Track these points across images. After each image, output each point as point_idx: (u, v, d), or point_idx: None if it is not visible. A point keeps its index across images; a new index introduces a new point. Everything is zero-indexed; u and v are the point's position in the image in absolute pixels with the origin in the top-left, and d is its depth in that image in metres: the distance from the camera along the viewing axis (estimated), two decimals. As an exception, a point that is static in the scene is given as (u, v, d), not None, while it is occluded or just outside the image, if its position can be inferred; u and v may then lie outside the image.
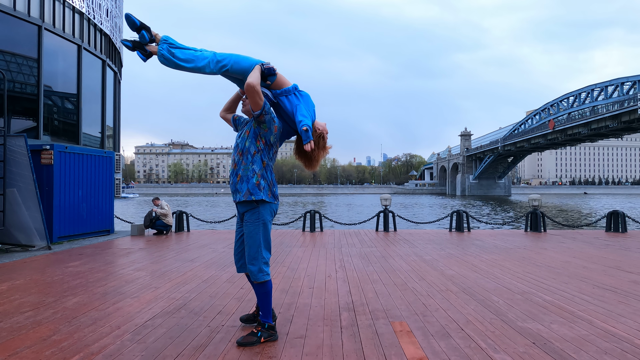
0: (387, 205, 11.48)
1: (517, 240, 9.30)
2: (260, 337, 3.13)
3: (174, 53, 3.05)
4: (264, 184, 3.10)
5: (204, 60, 3.07)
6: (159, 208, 10.75)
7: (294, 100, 3.25)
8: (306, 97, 3.32)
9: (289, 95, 3.27)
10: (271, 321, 3.21)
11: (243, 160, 3.12)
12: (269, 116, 3.09)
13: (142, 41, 3.10)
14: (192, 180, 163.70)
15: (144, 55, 3.14)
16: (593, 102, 66.89)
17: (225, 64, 3.09)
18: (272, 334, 3.19)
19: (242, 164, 3.12)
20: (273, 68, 3.13)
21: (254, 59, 3.16)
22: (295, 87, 3.30)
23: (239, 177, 3.12)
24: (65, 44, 10.67)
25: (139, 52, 3.12)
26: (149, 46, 3.13)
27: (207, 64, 3.07)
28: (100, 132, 12.37)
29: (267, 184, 3.12)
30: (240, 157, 3.14)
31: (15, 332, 3.39)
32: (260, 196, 3.08)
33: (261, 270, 3.10)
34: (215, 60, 3.08)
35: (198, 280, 5.33)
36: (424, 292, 4.74)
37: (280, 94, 3.26)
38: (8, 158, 8.03)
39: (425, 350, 3.01)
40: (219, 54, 3.13)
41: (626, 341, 3.17)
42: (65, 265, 6.46)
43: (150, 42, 3.13)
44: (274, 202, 3.21)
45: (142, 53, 3.13)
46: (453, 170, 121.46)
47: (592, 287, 4.94)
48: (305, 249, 8.06)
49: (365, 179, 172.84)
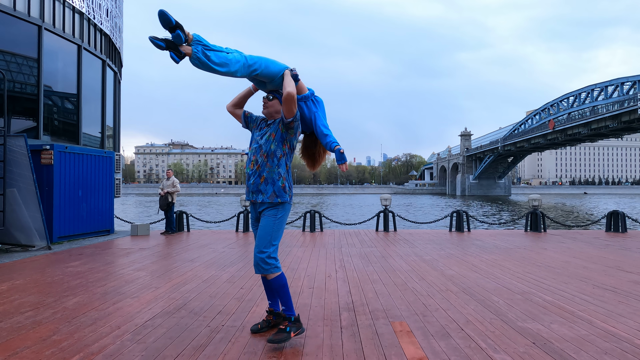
0: (387, 205, 11.48)
1: (517, 240, 9.30)
2: (290, 331, 3.15)
3: (209, 56, 2.87)
4: (288, 187, 3.22)
5: (237, 64, 2.98)
6: (170, 182, 10.81)
7: (311, 107, 3.37)
8: (321, 103, 3.45)
9: (307, 101, 3.37)
10: (295, 313, 3.22)
11: (268, 163, 3.17)
12: (297, 123, 3.22)
13: (178, 42, 2.80)
14: (192, 180, 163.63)
15: (178, 57, 2.84)
16: (593, 102, 66.88)
17: (256, 68, 3.08)
18: (299, 326, 3.21)
19: (266, 166, 3.17)
20: (298, 75, 3.20)
21: (281, 64, 3.20)
22: (312, 92, 3.42)
23: (263, 179, 3.16)
24: (65, 44, 10.66)
25: (172, 53, 2.83)
26: (183, 47, 2.83)
27: (239, 68, 3.00)
28: (100, 132, 12.36)
29: (290, 187, 3.25)
30: (265, 160, 3.17)
31: (15, 332, 3.39)
32: (286, 198, 3.20)
33: (269, 258, 3.10)
34: (247, 65, 3.04)
35: (198, 280, 5.33)
36: (424, 292, 4.74)
37: (300, 99, 3.34)
38: (8, 158, 8.04)
39: (425, 350, 3.01)
40: (249, 57, 3.08)
41: (626, 341, 3.17)
42: (65, 265, 6.46)
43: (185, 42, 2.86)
44: (292, 204, 3.39)
45: (177, 54, 2.83)
46: (453, 170, 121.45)
47: (592, 287, 4.94)
48: (305, 249, 8.06)
49: (365, 179, 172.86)
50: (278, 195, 3.16)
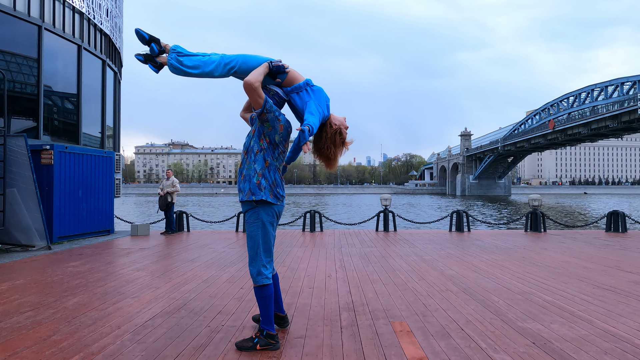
0: (387, 205, 11.48)
1: (517, 240, 9.30)
2: (257, 344, 3.02)
3: (181, 61, 3.05)
4: (265, 184, 3.01)
5: (211, 65, 3.04)
6: (169, 182, 10.81)
7: (304, 97, 3.13)
8: (318, 91, 3.18)
9: (300, 91, 3.15)
10: (272, 329, 3.07)
11: (247, 159, 3.08)
12: (271, 114, 3.00)
13: (152, 53, 3.15)
14: (192, 180, 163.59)
15: (155, 67, 3.18)
16: (593, 102, 66.88)
17: (233, 65, 3.06)
18: (272, 343, 3.04)
19: (246, 163, 3.09)
20: (283, 65, 3.05)
21: (262, 57, 3.10)
22: (307, 82, 3.18)
23: (243, 176, 3.09)
24: (65, 44, 10.66)
25: (150, 64, 3.17)
26: (159, 57, 3.16)
27: (215, 67, 3.05)
28: (100, 132, 12.36)
29: (269, 184, 3.03)
30: (245, 156, 3.12)
31: (15, 332, 3.39)
32: (261, 196, 3.00)
33: (260, 273, 3.03)
34: (222, 63, 3.05)
35: (198, 280, 5.33)
36: (424, 292, 4.74)
37: (291, 91, 3.17)
38: (8, 158, 8.04)
39: (425, 350, 3.01)
40: (227, 55, 3.10)
41: (626, 341, 3.17)
42: (65, 265, 6.46)
43: (160, 53, 3.16)
44: (277, 204, 3.10)
45: (154, 65, 3.18)
46: (453, 170, 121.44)
47: (592, 287, 4.94)
48: (305, 249, 8.06)
49: (365, 179, 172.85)
50: (253, 193, 3.00)
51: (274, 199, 3.06)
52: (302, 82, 3.17)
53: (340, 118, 3.26)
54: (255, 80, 2.89)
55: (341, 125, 3.22)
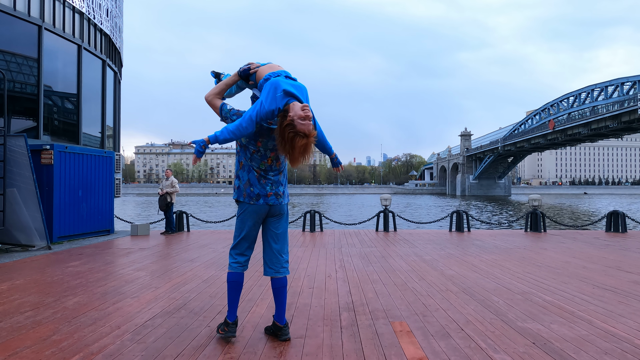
0: (387, 205, 11.48)
1: (517, 241, 9.30)
2: (218, 329, 3.28)
3: None
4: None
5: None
6: (169, 182, 10.82)
7: (260, 96, 2.93)
8: (267, 86, 2.88)
9: (261, 89, 2.99)
10: (229, 317, 3.22)
11: None
12: (229, 120, 3.15)
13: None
14: (192, 180, 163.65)
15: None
16: (593, 102, 66.89)
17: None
18: (225, 330, 3.20)
19: None
20: (247, 68, 3.16)
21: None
22: (266, 77, 2.97)
23: None
24: (65, 44, 10.66)
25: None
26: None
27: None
28: (100, 132, 12.36)
29: (242, 185, 3.16)
30: None
31: (15, 332, 3.39)
32: (235, 196, 3.24)
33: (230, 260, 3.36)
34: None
35: (198, 280, 5.33)
36: (424, 292, 4.74)
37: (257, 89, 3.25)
38: (8, 158, 8.04)
39: (425, 350, 3.01)
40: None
41: (626, 341, 3.17)
42: (65, 265, 6.46)
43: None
44: (250, 203, 3.11)
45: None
46: (453, 171, 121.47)
47: (592, 287, 4.94)
48: (305, 249, 8.06)
49: (365, 179, 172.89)
50: (234, 193, 3.26)
51: (247, 198, 3.14)
52: (262, 79, 3.01)
53: (297, 107, 2.84)
54: (207, 95, 3.23)
55: (295, 116, 2.80)
